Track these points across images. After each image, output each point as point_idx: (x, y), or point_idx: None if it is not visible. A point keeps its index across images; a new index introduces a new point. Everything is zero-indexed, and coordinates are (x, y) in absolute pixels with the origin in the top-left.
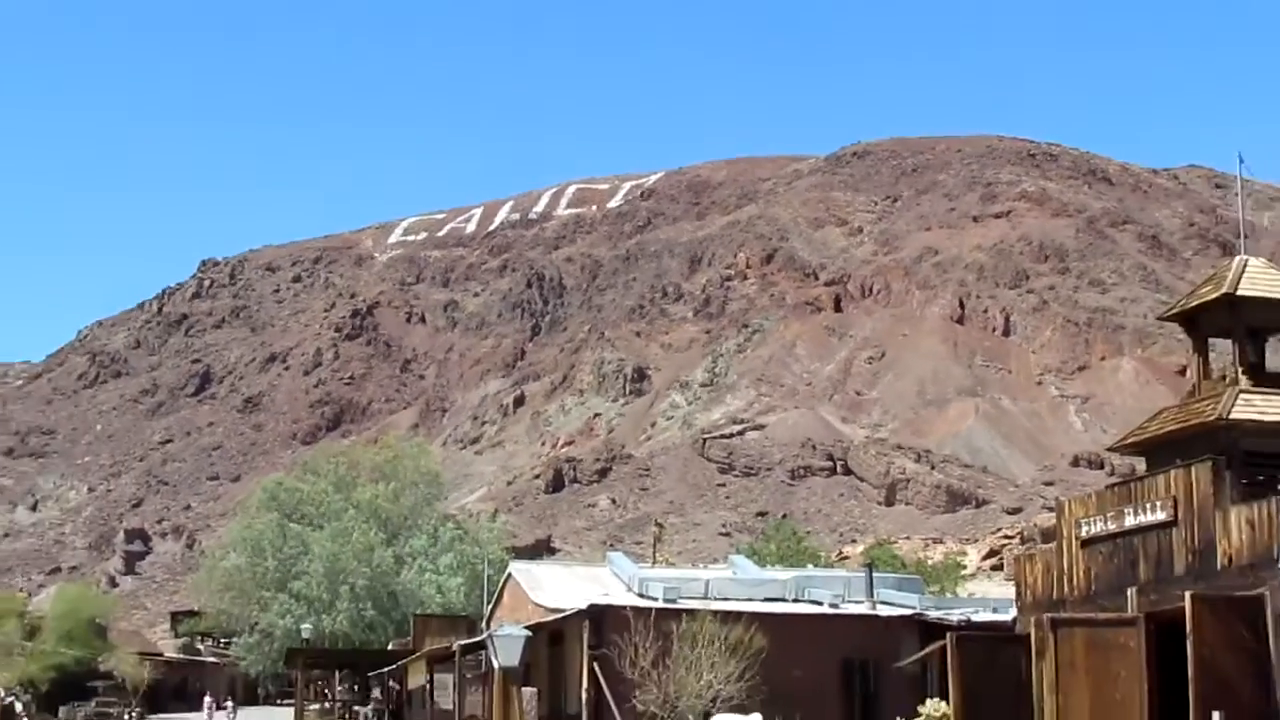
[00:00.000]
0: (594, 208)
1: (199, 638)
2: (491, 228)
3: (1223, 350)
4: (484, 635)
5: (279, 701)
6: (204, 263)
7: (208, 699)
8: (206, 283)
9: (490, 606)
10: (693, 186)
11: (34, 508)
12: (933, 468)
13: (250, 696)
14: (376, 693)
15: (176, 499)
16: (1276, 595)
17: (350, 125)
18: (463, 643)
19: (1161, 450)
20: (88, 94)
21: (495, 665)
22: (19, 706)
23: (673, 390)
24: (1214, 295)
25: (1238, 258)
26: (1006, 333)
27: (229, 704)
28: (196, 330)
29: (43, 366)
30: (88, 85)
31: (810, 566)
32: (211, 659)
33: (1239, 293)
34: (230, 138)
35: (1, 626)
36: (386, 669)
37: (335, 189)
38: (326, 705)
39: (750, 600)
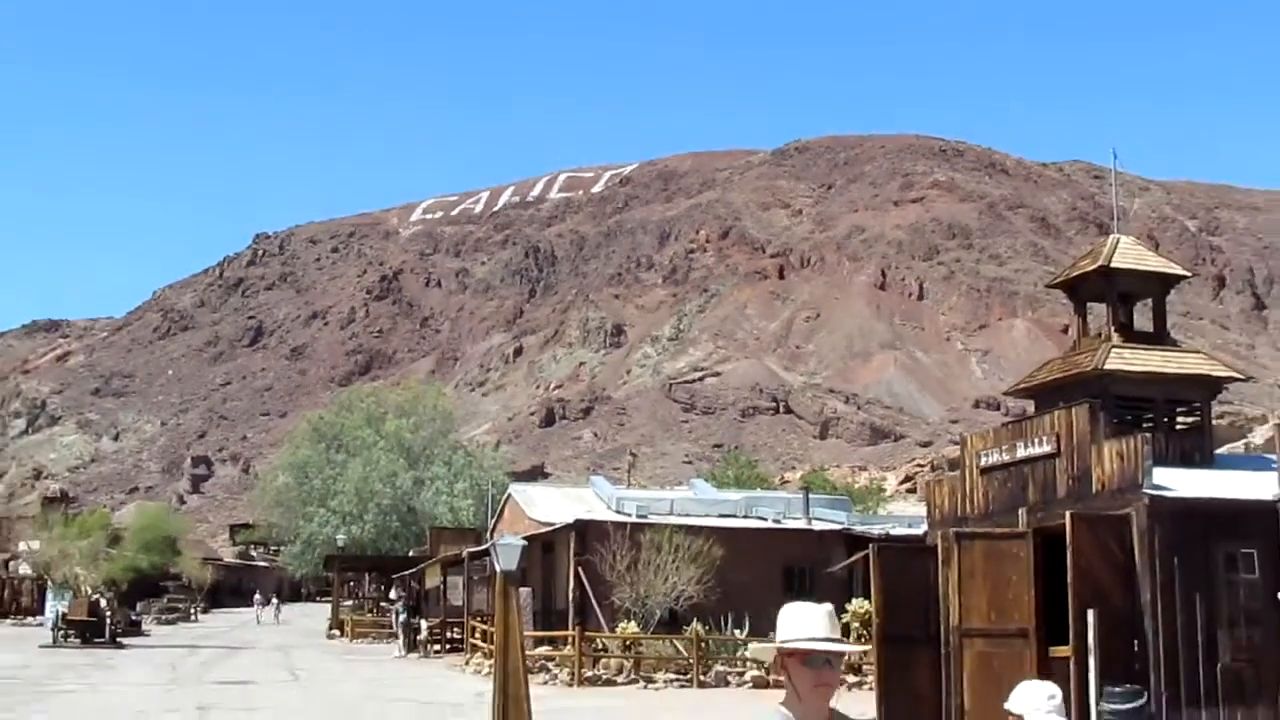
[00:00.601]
0: (580, 192)
1: (252, 546)
2: (496, 208)
3: (1098, 313)
4: (488, 544)
5: (318, 599)
6: (257, 236)
7: (258, 596)
8: (260, 252)
9: (493, 521)
10: (662, 175)
11: (116, 438)
12: (859, 408)
13: (294, 595)
14: (394, 593)
15: (234, 431)
16: (1140, 514)
17: (382, 121)
18: (470, 550)
19: (1047, 395)
20: (168, 74)
21: (497, 569)
22: (104, 602)
23: (645, 343)
24: (1092, 267)
25: (1111, 236)
26: (920, 297)
27: (274, 600)
28: (251, 291)
29: (123, 321)
30: (161, 63)
31: (758, 490)
32: (262, 563)
33: (1112, 265)
34: (280, 124)
35: (90, 536)
36: (407, 571)
37: (366, 174)
38: (357, 601)
39: (708, 516)
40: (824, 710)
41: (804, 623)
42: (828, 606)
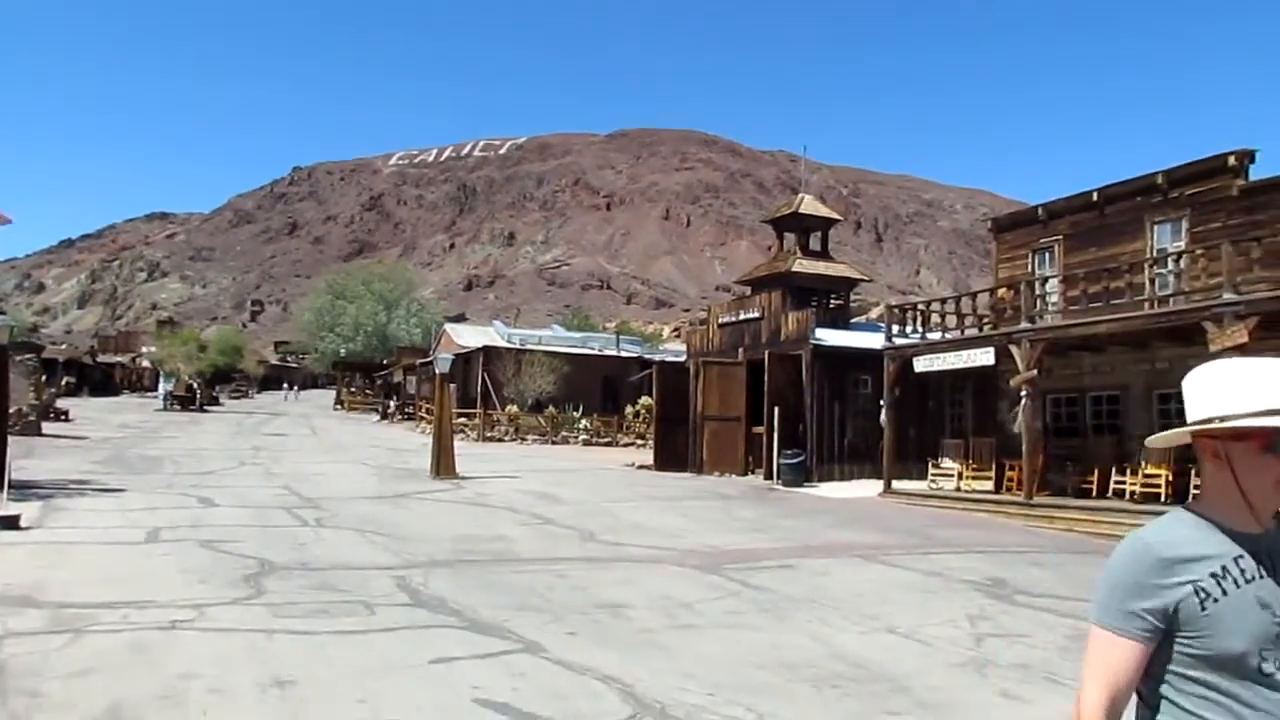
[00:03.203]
0: (493, 153)
1: (288, 355)
2: (442, 159)
3: (790, 240)
4: (431, 358)
5: (327, 387)
6: (295, 168)
7: (286, 385)
8: (295, 177)
9: (435, 344)
10: (541, 144)
11: (204, 287)
12: (650, 288)
13: (313, 384)
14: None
15: (277, 286)
16: (807, 354)
17: (375, 90)
18: (420, 361)
19: (759, 284)
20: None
21: (436, 372)
22: (195, 384)
23: (527, 245)
24: (787, 212)
25: (800, 194)
26: (688, 225)
27: (295, 387)
28: (289, 201)
29: (210, 214)
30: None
31: (590, 332)
32: (294, 365)
33: (799, 211)
34: (316, 87)
35: (186, 344)
36: (382, 372)
37: (362, 127)
38: (351, 390)
39: (560, 346)
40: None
41: (1262, 389)
42: None
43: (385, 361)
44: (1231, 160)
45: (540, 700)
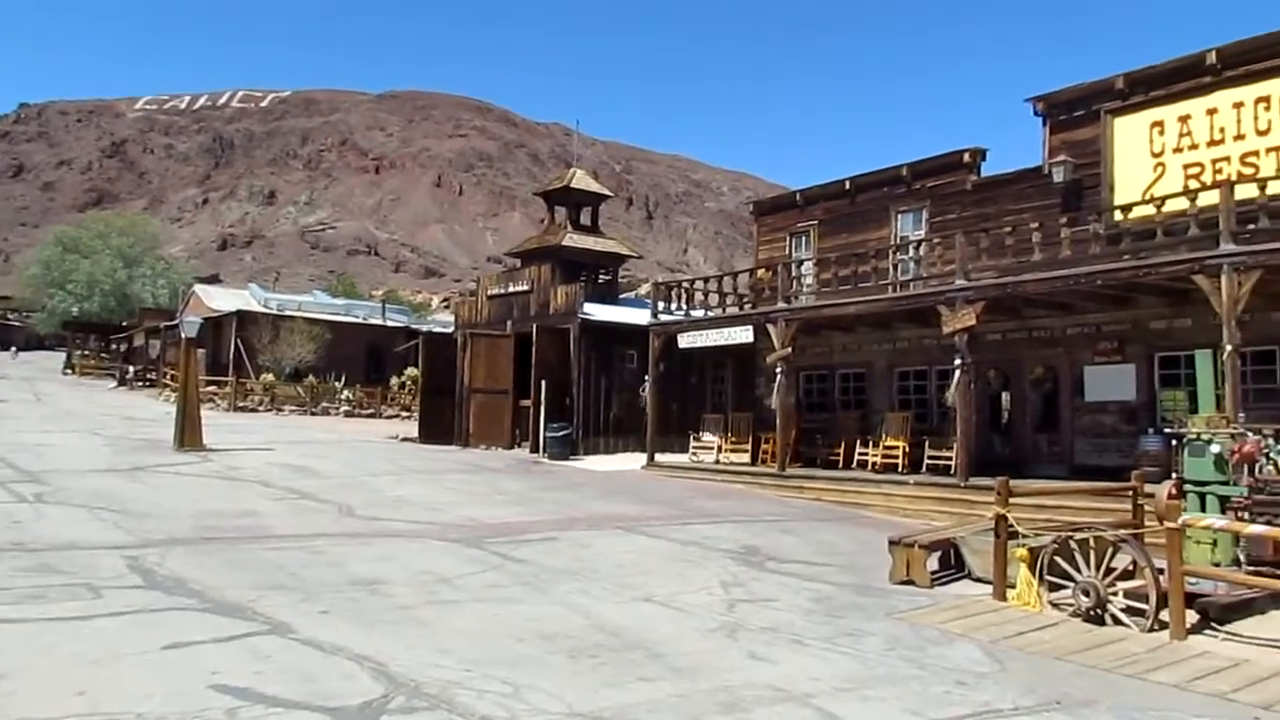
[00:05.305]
0: (253, 104)
1: (9, 313)
2: (195, 107)
3: (560, 213)
4: (178, 321)
5: (56, 349)
6: (22, 104)
7: (4, 346)
8: (23, 115)
9: (183, 306)
10: (307, 99)
11: None
12: (419, 255)
13: (39, 346)
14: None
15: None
16: (575, 328)
17: (113, 23)
18: (166, 324)
19: (529, 257)
20: None
21: (183, 336)
22: None
23: (290, 205)
24: (559, 185)
25: (572, 169)
26: (461, 194)
27: (15, 349)
28: (16, 141)
29: None
30: None
31: (355, 300)
32: (16, 324)
33: (571, 185)
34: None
35: None
36: (121, 335)
37: (103, 65)
38: (86, 353)
39: (323, 313)
40: None
41: None
42: None
43: (125, 324)
44: (966, 157)
45: (286, 683)
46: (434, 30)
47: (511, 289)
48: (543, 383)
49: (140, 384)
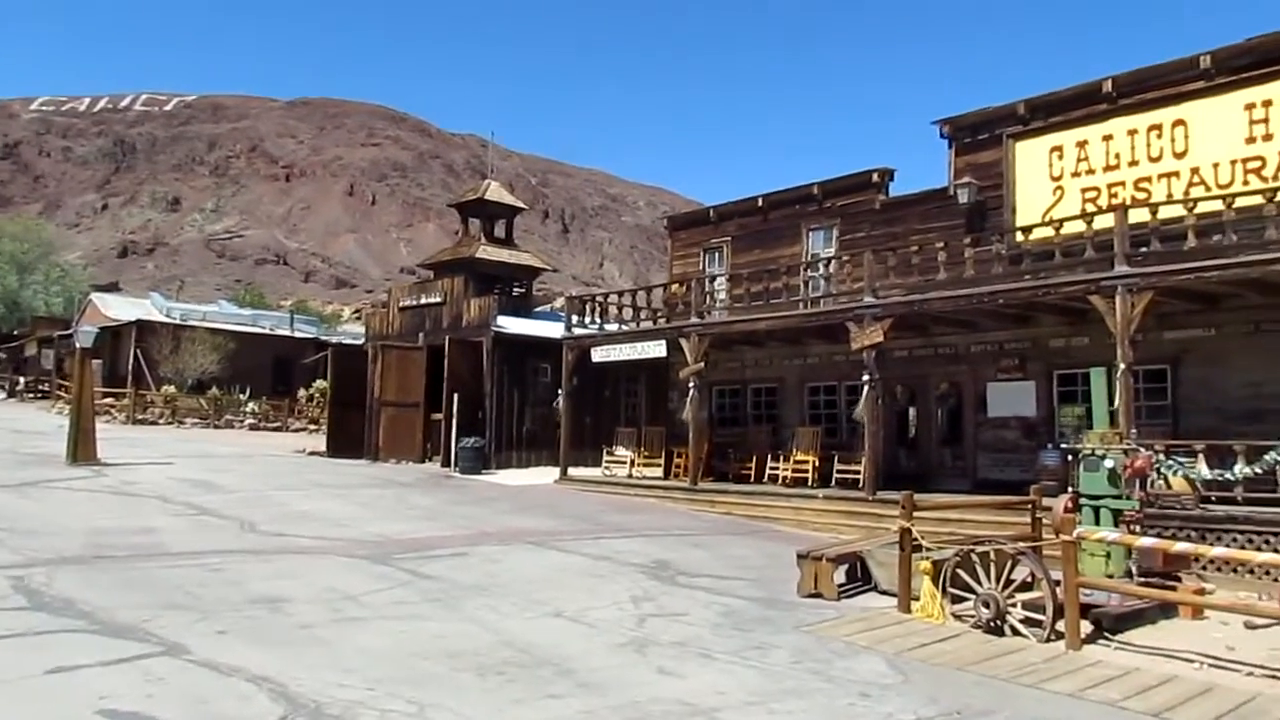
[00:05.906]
0: (157, 108)
1: None
2: (95, 110)
3: (474, 225)
4: (73, 330)
5: None
6: None
7: None
8: None
9: (78, 315)
10: (214, 104)
11: None
12: (330, 266)
13: None
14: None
15: None
16: (489, 341)
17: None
18: (60, 333)
19: (442, 268)
20: None
21: (77, 346)
22: None
23: (195, 212)
24: (473, 197)
25: (487, 180)
26: (374, 204)
27: None
28: None
29: None
30: None
31: (262, 310)
32: None
33: (485, 197)
34: None
35: None
36: (11, 344)
37: (2, 66)
38: None
39: (228, 323)
40: None
41: None
42: None
43: (16, 332)
44: (875, 177)
45: (178, 706)
46: (347, 38)
47: (424, 301)
48: (455, 396)
49: (32, 396)
